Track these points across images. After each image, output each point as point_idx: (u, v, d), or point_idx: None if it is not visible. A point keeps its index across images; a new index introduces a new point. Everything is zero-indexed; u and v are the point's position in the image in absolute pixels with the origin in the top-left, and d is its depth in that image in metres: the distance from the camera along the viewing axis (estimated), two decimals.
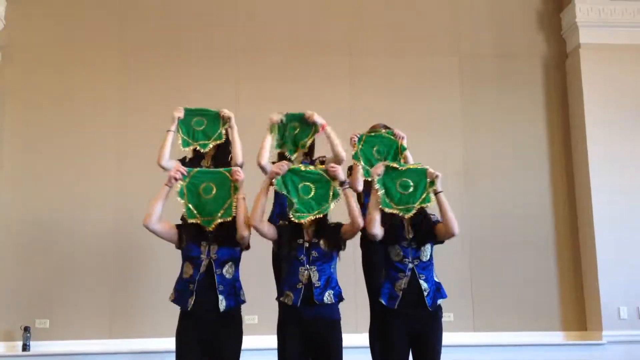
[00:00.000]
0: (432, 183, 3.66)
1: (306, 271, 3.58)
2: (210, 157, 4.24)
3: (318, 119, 4.15)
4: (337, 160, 4.04)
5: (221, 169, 3.78)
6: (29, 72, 6.20)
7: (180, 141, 4.17)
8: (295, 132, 4.16)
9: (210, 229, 3.63)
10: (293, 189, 3.66)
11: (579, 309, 6.22)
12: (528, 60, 6.64)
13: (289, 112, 4.20)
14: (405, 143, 4.13)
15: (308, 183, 3.67)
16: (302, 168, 3.72)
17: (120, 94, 6.22)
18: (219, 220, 3.63)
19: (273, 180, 3.65)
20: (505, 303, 6.13)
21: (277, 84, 6.33)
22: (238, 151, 4.15)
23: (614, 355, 5.84)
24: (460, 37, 6.61)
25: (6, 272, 5.83)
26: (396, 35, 6.57)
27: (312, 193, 3.66)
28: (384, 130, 4.22)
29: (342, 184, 3.66)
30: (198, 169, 3.81)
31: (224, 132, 4.20)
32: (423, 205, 3.66)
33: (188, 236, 3.64)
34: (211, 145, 4.18)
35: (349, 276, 4.46)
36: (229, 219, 3.63)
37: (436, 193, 3.65)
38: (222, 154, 4.23)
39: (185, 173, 3.69)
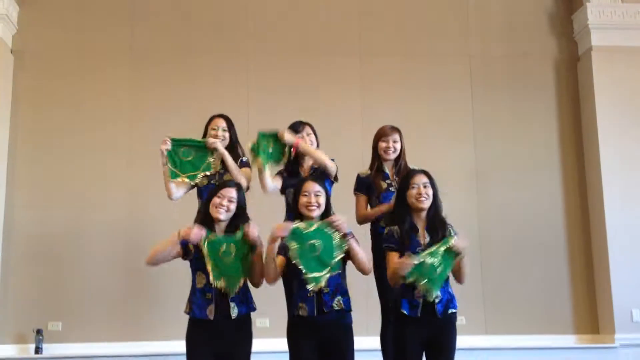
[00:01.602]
0: (460, 255, 3.52)
1: None
2: (219, 160, 4.23)
3: (289, 137, 4.11)
4: (325, 170, 4.08)
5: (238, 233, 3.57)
6: (41, 76, 6.24)
7: (169, 173, 4.16)
8: (270, 150, 4.14)
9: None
10: (300, 253, 3.51)
11: (591, 312, 6.19)
12: (540, 62, 6.62)
13: (261, 130, 4.20)
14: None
15: (312, 242, 3.53)
16: (302, 228, 3.53)
17: (131, 99, 6.25)
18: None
19: (291, 247, 3.50)
20: (517, 306, 6.11)
21: (288, 88, 6.33)
22: (236, 175, 4.11)
23: (627, 359, 5.81)
24: (471, 39, 6.60)
25: (19, 274, 5.86)
26: (407, 36, 6.56)
27: (319, 250, 3.52)
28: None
29: (345, 235, 3.53)
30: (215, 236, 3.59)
31: (212, 161, 4.18)
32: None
33: (196, 248, 3.59)
34: (200, 176, 4.16)
35: (360, 278, 4.45)
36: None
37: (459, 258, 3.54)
38: (232, 155, 4.23)
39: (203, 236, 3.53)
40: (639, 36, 6.36)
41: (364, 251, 3.58)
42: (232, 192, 3.60)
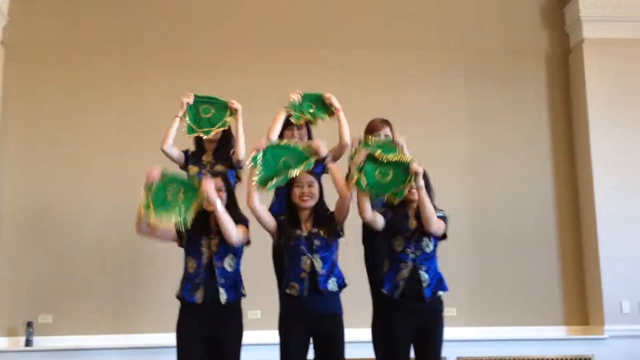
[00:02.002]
0: (412, 178, 3.60)
1: (309, 260, 3.60)
2: (211, 151, 4.24)
3: (335, 102, 4.18)
4: (341, 146, 4.08)
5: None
6: (32, 68, 6.20)
7: (185, 127, 4.18)
8: (311, 110, 4.17)
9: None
10: (271, 164, 3.72)
11: (581, 304, 6.22)
12: (532, 55, 6.62)
13: (306, 91, 4.22)
14: (405, 149, 3.99)
15: (287, 158, 3.74)
16: (283, 143, 3.80)
17: (123, 91, 6.22)
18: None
19: (252, 153, 3.71)
20: (508, 298, 6.13)
21: (282, 79, 6.28)
22: (241, 146, 4.13)
23: (616, 350, 5.84)
24: (463, 32, 6.59)
25: (9, 267, 5.84)
26: (402, 30, 6.55)
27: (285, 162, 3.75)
28: (384, 137, 4.14)
29: (324, 159, 3.73)
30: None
31: (228, 119, 4.19)
32: (395, 197, 3.63)
33: (190, 231, 3.64)
34: (214, 132, 4.18)
35: (352, 269, 4.46)
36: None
37: (418, 189, 3.60)
38: (225, 149, 4.23)
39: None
40: (630, 28, 6.37)
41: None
42: (219, 182, 3.67)
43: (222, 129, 4.19)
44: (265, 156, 3.72)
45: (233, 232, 3.56)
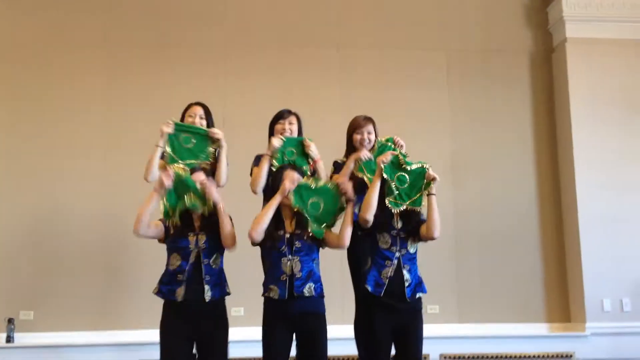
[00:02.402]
0: (429, 184, 3.71)
1: (289, 262, 3.58)
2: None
3: (314, 152, 4.11)
4: None
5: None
6: (15, 65, 6.13)
7: (167, 157, 4.06)
8: (292, 157, 4.10)
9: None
10: (304, 205, 3.68)
11: (563, 302, 6.26)
12: (515, 54, 6.65)
13: (288, 136, 4.17)
14: (404, 150, 4.07)
15: (316, 199, 3.71)
16: (312, 184, 3.73)
17: (107, 90, 6.17)
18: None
19: (289, 196, 3.64)
20: (490, 295, 6.17)
21: (265, 78, 6.32)
22: (223, 173, 4.10)
23: (597, 347, 5.89)
24: (447, 32, 6.61)
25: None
26: (384, 29, 6.55)
27: (321, 209, 3.71)
28: (383, 140, 4.17)
29: (348, 201, 3.72)
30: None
31: (211, 151, 4.13)
32: (412, 206, 3.71)
33: (176, 228, 3.63)
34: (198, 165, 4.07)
35: (335, 267, 4.46)
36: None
37: (429, 194, 3.71)
38: (206, 173, 4.19)
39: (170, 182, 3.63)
40: (613, 28, 6.42)
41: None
42: (201, 176, 3.69)
43: (207, 161, 4.10)
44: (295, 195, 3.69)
45: (231, 235, 3.60)
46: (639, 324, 5.97)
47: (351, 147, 4.24)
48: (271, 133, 4.31)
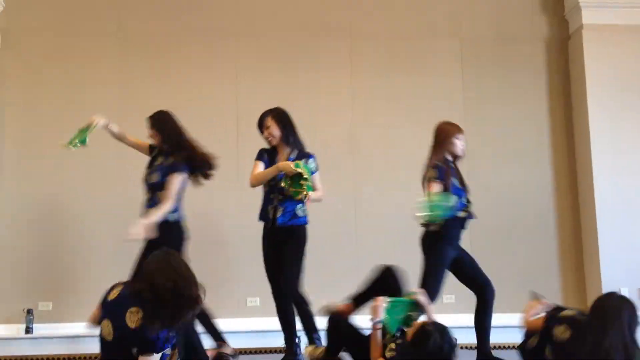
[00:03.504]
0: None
1: None
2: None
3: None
4: None
5: None
6: (29, 55, 6.17)
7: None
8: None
9: None
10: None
11: (580, 290, 6.24)
12: (530, 42, 6.60)
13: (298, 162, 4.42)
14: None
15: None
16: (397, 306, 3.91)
17: (120, 78, 6.20)
18: None
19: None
20: (507, 285, 6.10)
21: (277, 67, 6.33)
22: None
23: None
24: (461, 19, 6.57)
25: (9, 254, 5.84)
26: (397, 17, 6.52)
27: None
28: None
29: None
30: None
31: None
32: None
33: None
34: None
35: None
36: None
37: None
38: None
39: None
40: (630, 14, 6.36)
41: None
42: None
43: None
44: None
45: None
46: None
47: (444, 151, 4.61)
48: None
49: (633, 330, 3.17)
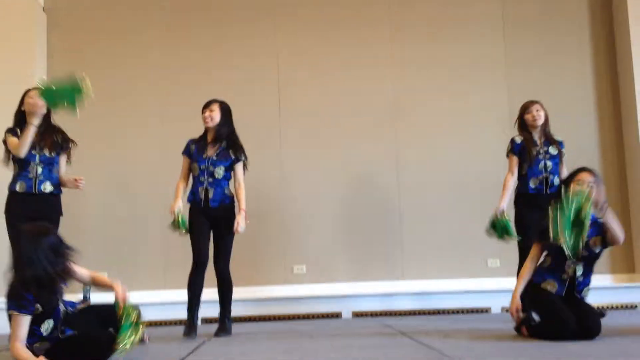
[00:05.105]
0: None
1: None
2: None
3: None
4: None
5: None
6: (74, 34, 6.33)
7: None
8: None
9: None
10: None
11: (627, 251, 6.18)
12: (573, 1, 6.48)
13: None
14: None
15: None
16: None
17: (166, 54, 6.32)
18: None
19: None
20: None
21: (316, 33, 6.36)
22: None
23: None
24: None
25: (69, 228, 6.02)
26: None
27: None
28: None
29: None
30: None
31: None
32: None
33: None
34: None
35: None
36: None
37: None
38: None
39: None
40: None
41: None
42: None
43: None
44: None
45: None
46: None
47: (524, 126, 5.00)
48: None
49: None
